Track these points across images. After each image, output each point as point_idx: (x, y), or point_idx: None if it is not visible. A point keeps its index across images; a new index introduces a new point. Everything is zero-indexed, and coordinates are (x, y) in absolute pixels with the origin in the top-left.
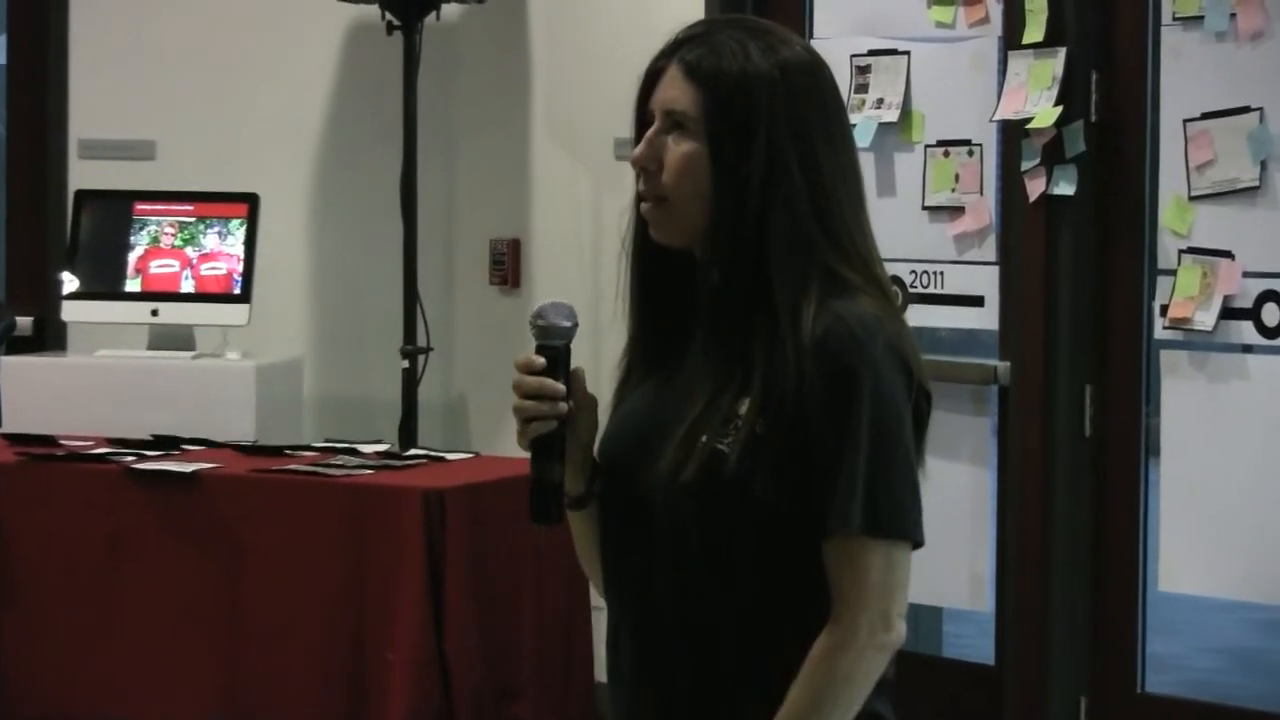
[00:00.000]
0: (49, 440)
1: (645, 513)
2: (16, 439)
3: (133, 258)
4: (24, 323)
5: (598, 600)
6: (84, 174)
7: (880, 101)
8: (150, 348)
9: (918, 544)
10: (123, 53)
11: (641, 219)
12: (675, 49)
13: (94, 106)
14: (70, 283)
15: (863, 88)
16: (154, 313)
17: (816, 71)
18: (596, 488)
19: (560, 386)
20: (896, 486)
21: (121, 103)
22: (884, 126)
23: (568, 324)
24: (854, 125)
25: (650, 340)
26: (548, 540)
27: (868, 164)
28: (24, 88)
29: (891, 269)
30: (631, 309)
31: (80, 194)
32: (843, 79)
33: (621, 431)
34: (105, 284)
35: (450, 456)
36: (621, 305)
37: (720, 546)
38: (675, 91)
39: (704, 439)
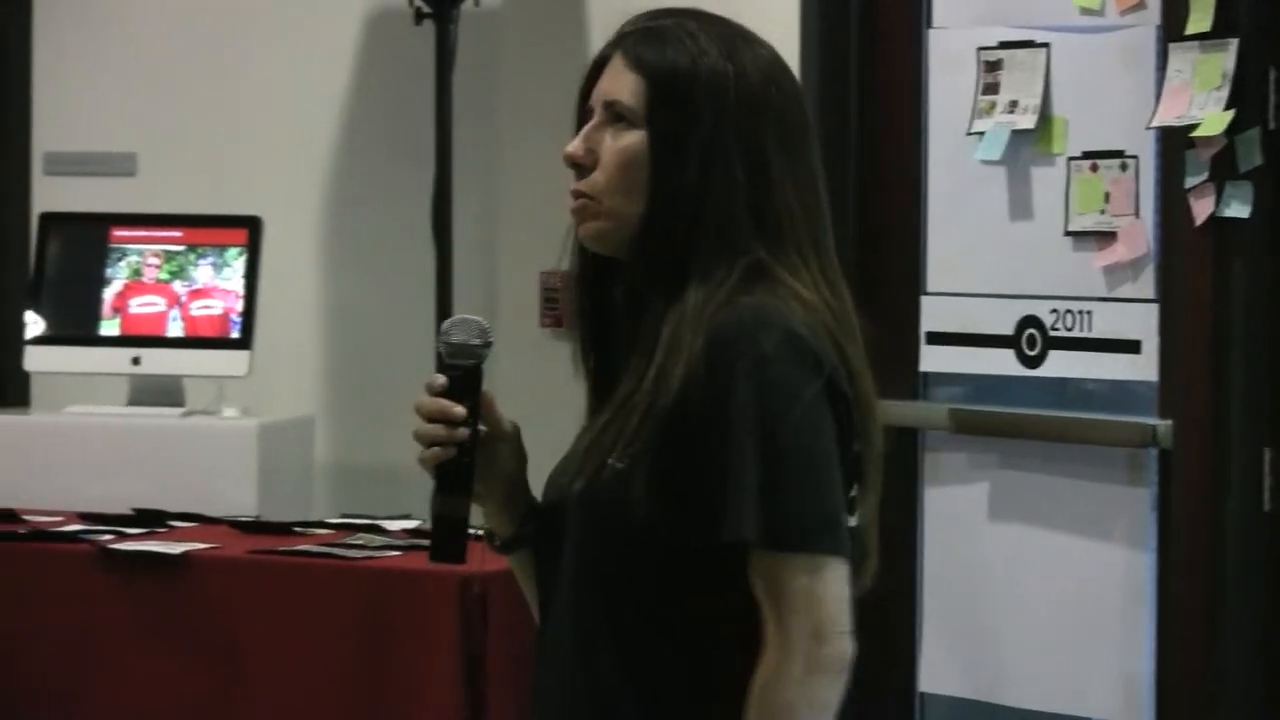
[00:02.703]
0: (9, 516)
1: (559, 539)
2: None
3: (109, 294)
4: None
5: None
6: (50, 194)
7: (1013, 105)
8: (131, 403)
9: (835, 555)
10: (97, 49)
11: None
12: (622, 39)
13: (62, 113)
14: (34, 325)
15: (992, 88)
16: (135, 361)
17: (777, 75)
18: (529, 529)
19: (458, 410)
20: (793, 493)
21: (95, 108)
22: (1018, 135)
23: (477, 342)
24: (982, 133)
25: (599, 368)
26: None
27: (998, 179)
28: None
29: (1028, 307)
30: (577, 331)
31: (46, 218)
32: (968, 76)
33: (558, 465)
34: (76, 326)
35: None
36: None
37: (604, 572)
38: (617, 82)
39: (603, 455)
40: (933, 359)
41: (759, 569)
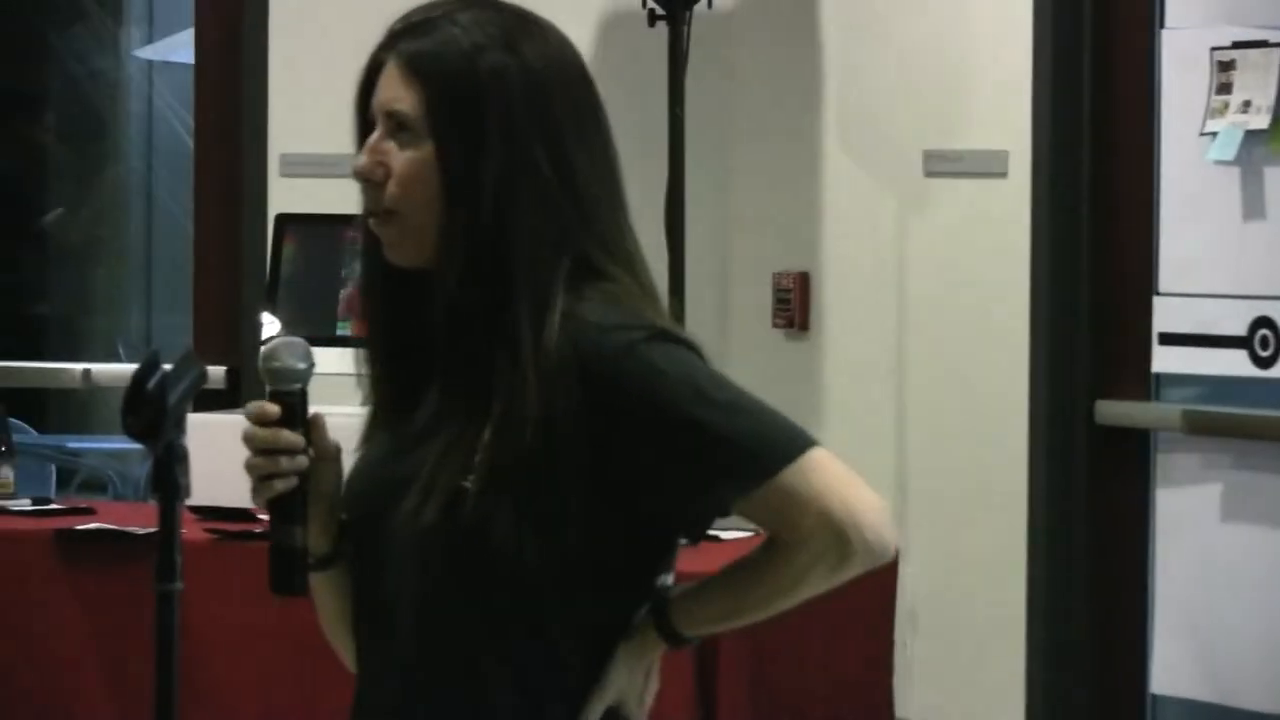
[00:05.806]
0: (245, 515)
1: (392, 566)
2: (207, 513)
3: (344, 295)
4: (215, 374)
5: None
6: (286, 195)
7: (1247, 104)
8: (365, 403)
9: (816, 446)
10: (332, 51)
11: (372, 239)
12: (394, 39)
13: (298, 115)
14: (270, 325)
15: (1225, 88)
16: None
17: (564, 62)
18: (345, 548)
19: (298, 439)
20: (762, 423)
21: (331, 111)
22: (1251, 135)
23: (303, 365)
24: (1215, 134)
25: (391, 378)
26: (844, 605)
27: (1231, 179)
28: (215, 92)
29: (1261, 308)
30: (367, 343)
31: (282, 219)
32: (1201, 76)
33: (363, 482)
34: (312, 326)
35: (724, 535)
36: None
37: (462, 600)
38: (395, 90)
39: (446, 478)
40: (1165, 360)
41: (760, 508)
